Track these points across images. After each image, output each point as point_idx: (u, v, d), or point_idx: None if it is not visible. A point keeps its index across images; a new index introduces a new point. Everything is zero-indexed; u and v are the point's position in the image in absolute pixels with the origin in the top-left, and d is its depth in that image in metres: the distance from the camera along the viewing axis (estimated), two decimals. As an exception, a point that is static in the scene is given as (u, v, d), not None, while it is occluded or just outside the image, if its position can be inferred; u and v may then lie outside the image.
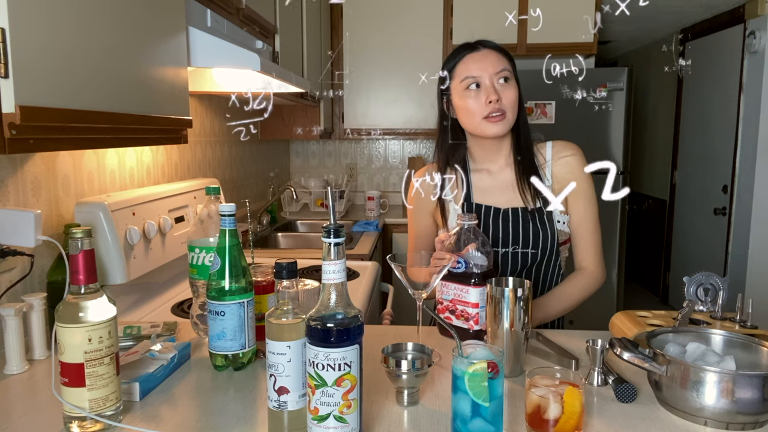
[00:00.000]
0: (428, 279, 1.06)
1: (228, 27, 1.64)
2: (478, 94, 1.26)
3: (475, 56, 1.28)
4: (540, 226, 1.32)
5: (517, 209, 1.33)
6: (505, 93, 1.26)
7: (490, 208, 1.34)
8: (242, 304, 1.02)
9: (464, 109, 1.29)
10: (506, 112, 1.26)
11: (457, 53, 1.31)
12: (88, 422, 0.82)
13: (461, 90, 1.29)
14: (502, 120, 1.26)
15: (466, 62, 1.29)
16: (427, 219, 1.44)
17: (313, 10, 2.86)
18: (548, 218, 1.33)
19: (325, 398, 0.74)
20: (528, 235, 1.32)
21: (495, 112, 1.25)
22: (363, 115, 3.54)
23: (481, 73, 1.26)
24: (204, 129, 2.24)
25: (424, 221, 1.44)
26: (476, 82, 1.26)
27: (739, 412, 0.82)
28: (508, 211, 1.33)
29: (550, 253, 1.34)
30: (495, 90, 1.26)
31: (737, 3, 3.66)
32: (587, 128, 3.37)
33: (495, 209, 1.34)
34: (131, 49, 1.07)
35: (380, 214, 3.37)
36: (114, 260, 1.31)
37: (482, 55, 1.28)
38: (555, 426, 0.78)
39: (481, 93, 1.26)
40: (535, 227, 1.32)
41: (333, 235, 0.74)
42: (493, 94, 1.25)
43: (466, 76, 1.27)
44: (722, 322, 1.11)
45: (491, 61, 1.27)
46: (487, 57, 1.28)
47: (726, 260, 3.85)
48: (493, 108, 1.25)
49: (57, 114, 0.84)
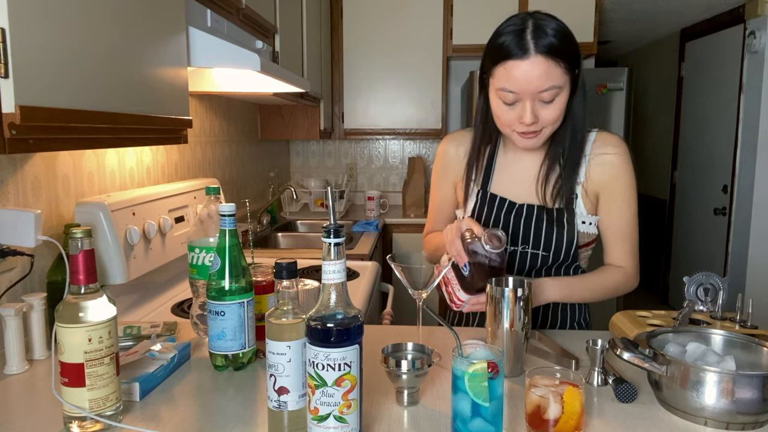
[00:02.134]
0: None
1: (228, 27, 1.64)
2: (514, 109, 1.11)
3: (521, 66, 1.06)
4: (557, 228, 1.22)
5: (533, 206, 1.23)
6: (545, 112, 1.10)
7: (504, 201, 1.25)
8: (242, 304, 1.02)
9: (496, 116, 1.16)
10: (543, 129, 1.13)
11: (504, 52, 1.08)
12: (88, 422, 0.82)
13: (496, 96, 1.13)
14: (535, 137, 1.14)
15: (508, 70, 1.07)
16: (449, 189, 1.35)
17: (313, 10, 2.86)
18: (569, 221, 1.22)
19: (325, 398, 0.74)
20: (540, 236, 1.22)
21: (528, 130, 1.12)
22: (363, 115, 3.54)
23: (521, 90, 1.08)
24: (204, 129, 2.24)
25: (446, 191, 1.36)
26: (515, 98, 1.09)
27: (739, 412, 0.82)
28: (523, 207, 1.24)
29: (564, 257, 1.24)
30: (533, 111, 1.09)
31: (737, 3, 3.66)
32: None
33: (510, 203, 1.25)
34: (131, 49, 1.07)
35: (380, 214, 3.37)
36: (114, 260, 1.31)
37: (530, 65, 1.05)
38: (555, 426, 0.78)
39: (517, 109, 1.11)
40: (550, 228, 1.22)
41: (333, 235, 0.74)
42: (529, 117, 1.09)
43: (504, 87, 1.09)
44: (722, 322, 1.11)
45: (538, 77, 1.06)
46: (535, 69, 1.05)
47: (726, 260, 3.85)
48: (525, 129, 1.12)
49: (57, 114, 0.84)
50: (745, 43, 3.60)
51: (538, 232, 1.23)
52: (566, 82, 1.10)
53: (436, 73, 3.47)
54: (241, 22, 1.78)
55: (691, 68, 4.41)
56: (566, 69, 1.08)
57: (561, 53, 1.07)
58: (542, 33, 1.06)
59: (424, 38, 3.43)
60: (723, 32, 3.93)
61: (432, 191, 1.40)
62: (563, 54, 1.07)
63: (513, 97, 1.10)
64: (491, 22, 3.99)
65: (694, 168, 4.36)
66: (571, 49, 1.09)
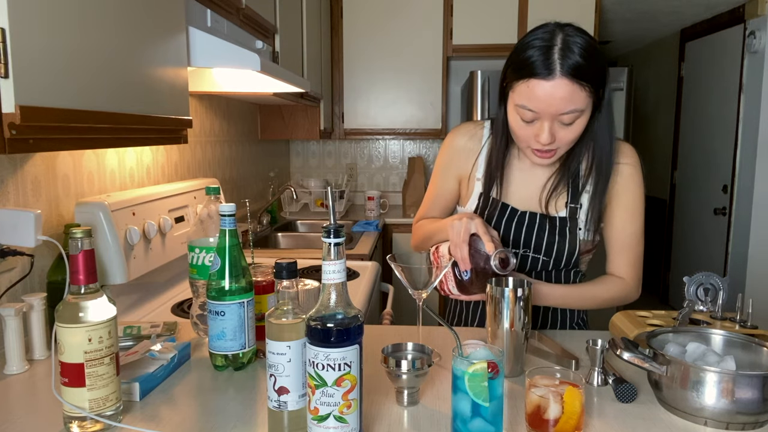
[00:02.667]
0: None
1: (228, 27, 1.64)
2: (530, 126, 1.10)
3: (545, 86, 1.03)
4: (559, 237, 1.22)
5: (535, 215, 1.23)
6: (563, 133, 1.08)
7: (507, 207, 1.25)
8: (242, 304, 1.02)
9: (512, 129, 1.14)
10: (558, 150, 1.12)
11: (528, 70, 1.04)
12: (88, 422, 0.82)
13: (514, 111, 1.11)
14: (550, 156, 1.13)
15: (532, 88, 1.04)
16: (451, 182, 1.31)
17: (313, 10, 2.86)
18: (571, 230, 1.22)
19: (325, 398, 0.74)
20: (541, 243, 1.22)
21: (543, 149, 1.11)
22: (363, 115, 3.54)
23: (542, 110, 1.05)
24: (204, 129, 2.24)
25: (449, 183, 1.31)
26: (534, 117, 1.08)
27: (739, 412, 0.82)
28: (525, 215, 1.24)
29: (566, 263, 1.24)
30: (551, 132, 1.07)
31: (737, 3, 3.66)
32: (587, 128, 3.38)
33: (512, 210, 1.25)
34: (131, 49, 1.07)
35: (380, 214, 3.37)
36: (114, 260, 1.31)
37: (554, 87, 1.02)
38: (555, 426, 0.78)
39: (534, 126, 1.09)
40: (551, 237, 1.22)
41: (333, 235, 0.74)
42: (546, 138, 1.07)
43: (524, 105, 1.07)
44: (722, 322, 1.11)
45: (560, 99, 1.03)
46: (559, 91, 1.02)
47: (726, 260, 3.85)
48: (541, 147, 1.11)
49: (57, 114, 0.84)
50: (745, 43, 3.60)
51: (540, 240, 1.23)
52: (588, 105, 1.07)
53: (436, 73, 3.47)
54: (241, 22, 1.78)
55: (691, 68, 4.41)
56: (590, 92, 1.06)
57: (587, 76, 1.03)
58: (570, 53, 1.02)
59: (424, 38, 3.43)
60: (723, 32, 3.93)
61: (433, 179, 1.36)
62: (589, 77, 1.04)
63: (532, 116, 1.08)
64: (491, 22, 3.98)
65: (694, 168, 4.36)
66: (598, 70, 1.06)
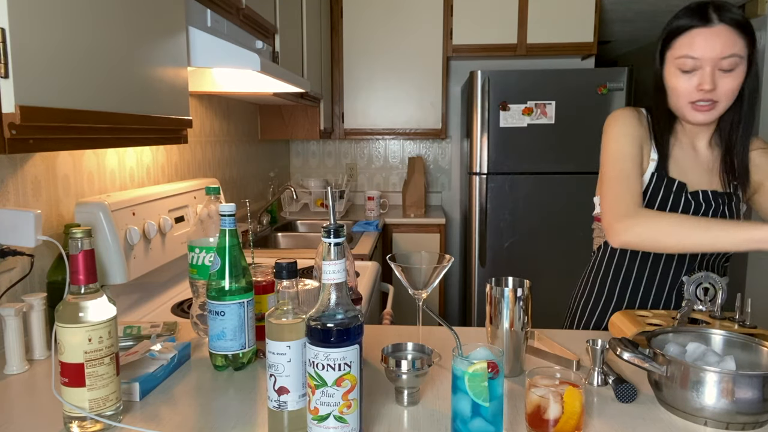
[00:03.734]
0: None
1: (228, 27, 1.64)
2: (691, 78, 1.14)
3: (705, 33, 1.12)
4: (727, 212, 1.25)
5: (707, 192, 1.25)
6: (723, 81, 1.13)
7: (682, 186, 1.25)
8: (242, 304, 1.02)
9: (671, 88, 1.19)
10: (718, 102, 1.15)
11: (687, 22, 1.14)
12: (88, 422, 0.82)
13: (674, 66, 1.16)
14: (710, 110, 1.16)
15: (692, 37, 1.13)
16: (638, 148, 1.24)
17: (313, 10, 2.86)
18: (735, 206, 1.26)
19: (325, 398, 0.74)
20: None
21: (704, 101, 1.15)
22: (363, 115, 3.54)
23: (703, 56, 1.12)
24: (204, 129, 2.24)
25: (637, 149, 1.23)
26: (694, 66, 1.13)
27: (739, 412, 0.82)
28: (697, 193, 1.25)
29: None
30: (712, 78, 1.12)
31: (737, 3, 3.66)
32: (587, 128, 3.37)
33: (685, 187, 1.25)
34: (131, 49, 1.07)
35: (380, 214, 3.37)
36: (114, 260, 1.31)
37: (714, 33, 1.11)
38: (555, 426, 0.78)
39: (695, 77, 1.14)
40: (722, 213, 1.25)
41: (333, 235, 0.74)
42: (709, 82, 1.12)
43: (686, 54, 1.13)
44: (721, 321, 1.11)
45: (722, 43, 1.11)
46: (720, 36, 1.11)
47: (726, 260, 3.85)
48: (703, 96, 1.14)
49: (57, 114, 0.84)
50: (745, 43, 3.60)
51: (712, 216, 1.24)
52: (746, 56, 1.13)
53: (436, 73, 3.47)
54: (241, 22, 1.78)
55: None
56: (747, 44, 1.13)
57: (743, 27, 1.13)
58: (725, 9, 1.13)
59: (424, 38, 3.43)
60: (723, 32, 3.93)
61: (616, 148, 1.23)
62: (745, 29, 1.13)
63: (692, 64, 1.13)
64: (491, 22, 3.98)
65: (694, 168, 4.36)
66: (751, 29, 1.14)
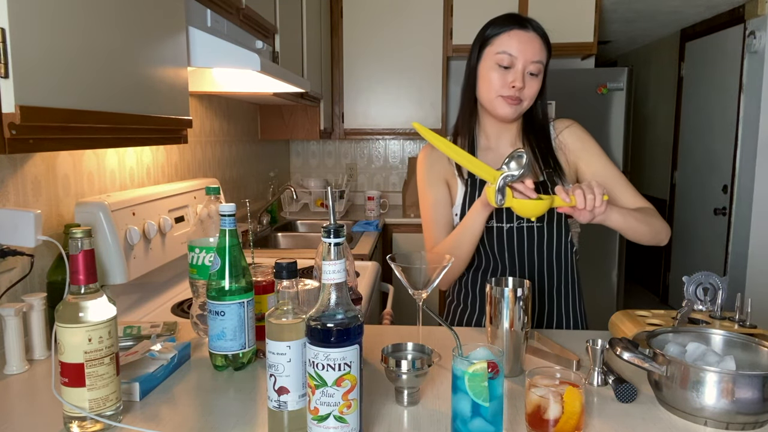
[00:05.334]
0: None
1: (228, 27, 1.64)
2: (506, 74, 1.26)
3: (522, 36, 1.25)
4: None
5: None
6: (530, 84, 1.26)
7: None
8: (242, 304, 1.02)
9: (486, 80, 1.28)
10: (523, 101, 1.27)
11: (507, 23, 1.27)
12: (88, 422, 0.82)
13: (492, 61, 1.27)
14: (517, 104, 1.27)
15: (512, 37, 1.25)
16: (442, 187, 1.38)
17: (313, 10, 2.86)
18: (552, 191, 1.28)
19: (325, 398, 0.74)
20: None
21: (513, 96, 1.25)
22: (363, 115, 3.54)
23: (519, 56, 1.24)
24: (204, 129, 2.24)
25: (441, 190, 1.38)
26: (510, 62, 1.25)
27: (739, 412, 0.82)
28: None
29: (558, 227, 1.33)
30: (523, 78, 1.25)
31: (737, 3, 3.66)
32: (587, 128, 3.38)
33: None
34: (131, 49, 1.07)
35: (380, 214, 3.37)
36: (114, 260, 1.31)
37: (529, 37, 1.25)
38: (555, 426, 0.78)
39: (509, 74, 1.25)
40: None
41: (333, 235, 0.74)
42: (520, 80, 1.24)
43: (505, 51, 1.25)
44: (721, 321, 1.11)
45: (534, 48, 1.25)
46: (533, 42, 1.25)
47: (726, 260, 3.85)
48: (513, 93, 1.25)
49: (57, 114, 0.84)
50: (745, 43, 3.60)
51: None
52: (544, 69, 1.29)
53: (436, 73, 3.47)
54: (241, 22, 1.78)
55: (691, 68, 4.40)
56: (547, 57, 1.29)
57: (547, 41, 1.29)
58: (538, 24, 1.29)
59: (424, 38, 3.43)
60: (723, 32, 3.93)
61: (423, 197, 1.40)
62: (548, 44, 1.30)
63: (509, 60, 1.25)
64: (491, 22, 3.85)
65: (694, 168, 4.36)
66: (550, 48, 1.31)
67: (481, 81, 1.30)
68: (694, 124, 4.37)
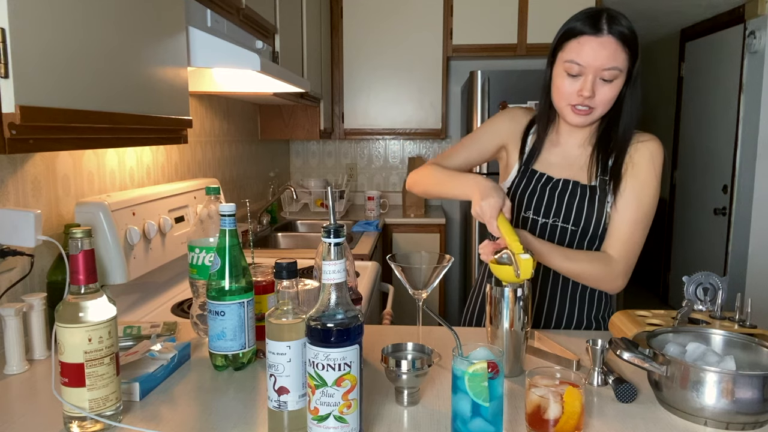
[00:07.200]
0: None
1: (228, 27, 1.64)
2: (574, 82, 1.21)
3: (593, 43, 1.17)
4: (588, 204, 1.26)
5: (569, 181, 1.29)
6: (602, 90, 1.20)
7: (543, 176, 1.32)
8: (242, 304, 1.02)
9: (555, 87, 1.25)
10: (595, 109, 1.22)
11: (580, 29, 1.20)
12: (88, 422, 0.82)
13: (562, 68, 1.23)
14: (587, 114, 1.23)
15: (581, 44, 1.19)
16: (491, 143, 1.38)
17: (313, 10, 2.86)
18: (600, 200, 1.26)
19: (325, 398, 0.74)
20: (571, 209, 1.27)
21: (582, 105, 1.21)
22: (363, 115, 3.54)
23: (588, 63, 1.18)
24: (204, 129, 2.24)
25: (487, 143, 1.38)
26: (579, 71, 1.19)
27: (739, 412, 0.82)
28: (559, 182, 1.30)
29: (593, 235, 1.27)
30: (592, 86, 1.19)
31: (737, 3, 3.66)
32: (587, 128, 3.38)
33: (548, 177, 1.31)
34: (131, 49, 1.07)
35: (380, 214, 3.37)
36: (114, 260, 1.31)
37: (601, 43, 1.17)
38: (555, 426, 0.78)
39: (578, 82, 1.20)
40: (581, 203, 1.27)
41: (333, 235, 0.74)
42: (588, 90, 1.19)
43: (573, 60, 1.19)
44: (721, 321, 1.11)
45: (606, 55, 1.17)
46: (605, 48, 1.17)
47: (726, 260, 3.85)
48: (582, 101, 1.21)
49: (57, 114, 0.84)
50: (745, 43, 3.60)
51: (570, 206, 1.28)
52: (626, 69, 1.20)
53: (436, 73, 3.46)
54: (241, 22, 1.78)
55: (691, 68, 4.40)
56: (629, 58, 1.19)
57: (628, 41, 1.19)
58: (616, 21, 1.18)
59: (424, 38, 3.43)
60: (723, 32, 3.93)
61: (476, 131, 1.41)
62: (629, 43, 1.19)
63: (578, 69, 1.19)
64: (491, 22, 3.97)
65: (694, 168, 4.36)
66: (636, 43, 1.21)
67: (553, 85, 1.26)
68: (694, 124, 4.37)
